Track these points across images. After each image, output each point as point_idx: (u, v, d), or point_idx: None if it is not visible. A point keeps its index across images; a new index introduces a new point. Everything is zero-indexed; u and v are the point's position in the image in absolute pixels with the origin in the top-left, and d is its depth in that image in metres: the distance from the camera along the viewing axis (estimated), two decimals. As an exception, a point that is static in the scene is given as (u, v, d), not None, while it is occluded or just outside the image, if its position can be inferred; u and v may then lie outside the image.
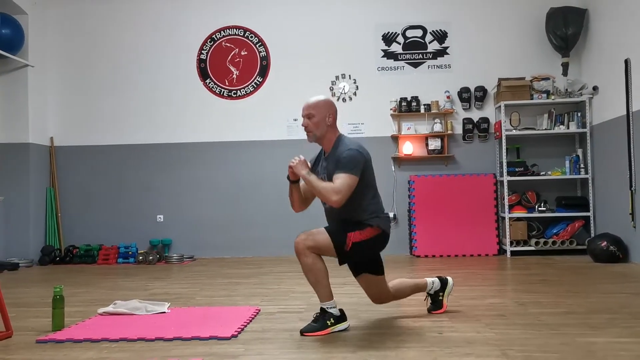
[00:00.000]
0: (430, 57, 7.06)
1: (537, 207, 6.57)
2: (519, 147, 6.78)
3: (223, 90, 7.21)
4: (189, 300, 4.17)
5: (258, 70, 7.19)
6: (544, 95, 6.60)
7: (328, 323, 3.05)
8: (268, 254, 6.92)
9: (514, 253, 6.48)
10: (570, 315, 3.35)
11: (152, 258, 6.58)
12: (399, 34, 7.09)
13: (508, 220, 6.49)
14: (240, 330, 3.15)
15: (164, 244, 6.99)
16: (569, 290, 4.21)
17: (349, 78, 7.10)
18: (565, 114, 6.63)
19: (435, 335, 2.96)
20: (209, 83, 7.21)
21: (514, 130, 6.62)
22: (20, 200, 6.75)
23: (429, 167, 6.96)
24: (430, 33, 7.06)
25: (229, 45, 7.24)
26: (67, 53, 7.32)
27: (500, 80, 6.64)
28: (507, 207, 6.52)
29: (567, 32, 6.57)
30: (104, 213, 7.18)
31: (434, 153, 6.89)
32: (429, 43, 7.06)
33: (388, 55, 7.09)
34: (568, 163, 6.60)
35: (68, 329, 3.25)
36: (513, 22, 6.97)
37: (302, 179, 3.12)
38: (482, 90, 6.93)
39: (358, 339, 2.95)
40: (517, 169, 6.56)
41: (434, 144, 6.88)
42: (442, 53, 7.06)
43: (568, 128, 6.60)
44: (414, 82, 7.03)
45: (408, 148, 6.90)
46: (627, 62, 5.75)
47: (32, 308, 3.98)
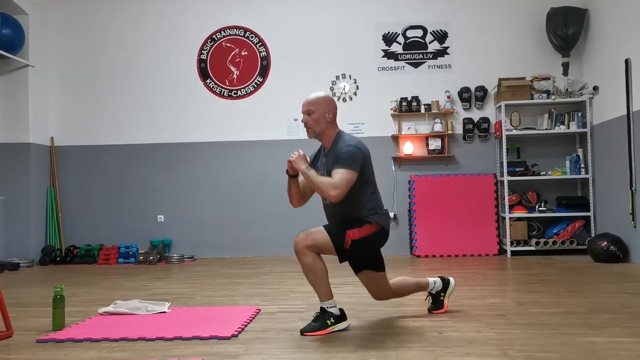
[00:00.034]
0: (431, 57, 7.07)
1: (537, 207, 6.57)
2: (520, 147, 6.78)
3: (223, 90, 7.21)
4: (190, 300, 4.17)
5: (258, 70, 7.20)
6: (545, 95, 6.61)
7: (328, 322, 3.05)
8: (268, 254, 6.93)
9: (515, 253, 6.48)
10: (571, 315, 3.35)
11: (152, 258, 6.59)
12: (400, 34, 7.09)
13: (508, 220, 6.49)
14: (241, 330, 3.15)
15: (165, 244, 6.99)
16: (570, 290, 4.21)
17: (350, 78, 7.10)
18: (566, 114, 6.64)
19: (436, 335, 2.96)
20: (210, 83, 7.22)
21: (515, 130, 6.62)
22: (21, 200, 6.76)
23: (430, 167, 6.97)
24: (431, 33, 7.06)
25: (230, 46, 7.24)
26: (67, 53, 7.33)
27: (501, 80, 6.64)
28: (507, 207, 6.52)
29: (567, 32, 6.57)
30: (105, 213, 7.18)
31: (435, 153, 6.89)
32: (430, 43, 7.06)
33: (388, 55, 7.10)
34: (568, 163, 6.61)
35: (68, 329, 3.25)
36: (513, 22, 6.98)
37: (301, 174, 3.12)
38: (482, 90, 6.93)
39: (358, 339, 2.95)
40: (517, 169, 6.56)
41: (435, 144, 6.88)
42: (442, 53, 7.06)
43: (568, 128, 6.60)
44: (415, 82, 7.03)
45: (408, 148, 6.90)
46: (627, 62, 5.75)
47: (32, 308, 3.98)
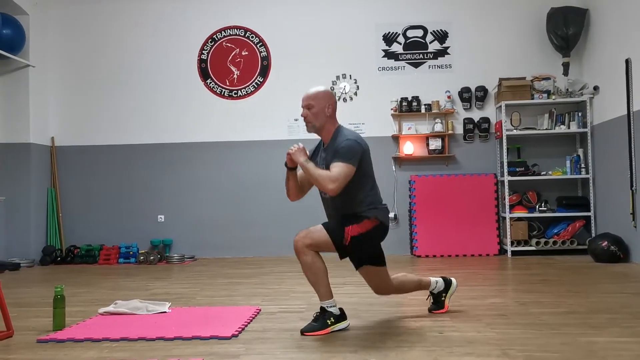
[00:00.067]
0: (431, 57, 7.07)
1: (537, 207, 6.57)
2: (520, 147, 6.78)
3: (224, 90, 7.21)
4: (190, 300, 4.17)
5: (259, 71, 7.20)
6: (545, 95, 6.60)
7: (328, 322, 3.05)
8: (269, 254, 6.93)
9: (515, 253, 6.48)
10: (571, 315, 3.35)
11: (153, 258, 6.59)
12: (400, 34, 7.09)
13: (509, 220, 6.49)
14: (241, 330, 3.15)
15: (165, 244, 6.99)
16: (570, 290, 4.21)
17: (350, 78, 7.10)
18: (566, 114, 6.63)
19: (436, 335, 2.96)
20: (210, 83, 7.22)
21: (515, 130, 6.62)
22: (22, 201, 6.76)
23: (430, 167, 6.97)
24: (431, 33, 7.06)
25: (230, 46, 7.24)
26: (68, 53, 7.33)
27: (501, 80, 6.64)
28: (507, 207, 6.52)
29: (567, 32, 6.57)
30: (105, 213, 7.19)
31: (435, 153, 6.89)
32: (430, 43, 7.06)
33: (389, 55, 7.10)
34: (569, 163, 6.60)
35: (69, 329, 3.25)
36: (514, 22, 6.97)
37: (299, 167, 3.12)
38: (482, 90, 6.93)
39: (359, 339, 2.95)
40: (517, 169, 6.56)
41: (435, 144, 6.88)
42: (442, 53, 7.06)
43: (569, 128, 6.60)
44: (415, 82, 7.03)
45: (409, 148, 6.90)
46: (627, 61, 5.74)
47: (33, 308, 3.99)
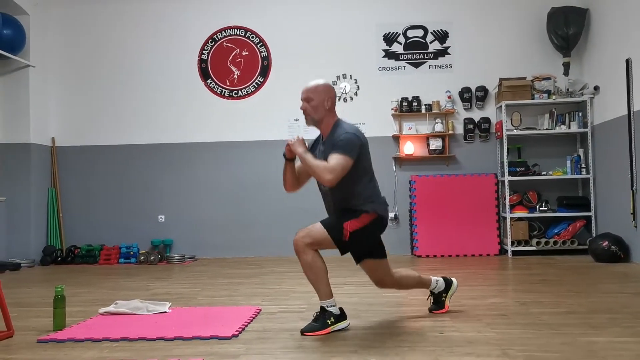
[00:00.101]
0: (431, 57, 7.06)
1: (538, 207, 6.56)
2: (520, 147, 6.77)
3: (224, 91, 7.21)
4: (190, 300, 4.17)
5: (259, 71, 7.20)
6: (545, 95, 6.60)
7: (328, 322, 3.06)
8: (269, 254, 6.93)
9: (515, 253, 6.48)
10: (572, 315, 3.35)
11: (153, 258, 6.59)
12: (400, 34, 7.09)
13: (509, 220, 6.49)
14: (241, 330, 3.15)
15: (165, 244, 6.99)
16: (570, 290, 4.20)
17: (350, 78, 7.10)
18: (567, 114, 6.63)
19: (436, 335, 2.96)
20: (210, 83, 7.22)
21: (515, 130, 6.61)
22: (22, 201, 6.76)
23: (430, 167, 6.96)
24: (431, 33, 7.06)
25: (230, 46, 7.24)
26: (68, 53, 7.34)
27: (502, 80, 6.64)
28: (508, 207, 6.52)
29: (568, 31, 6.57)
30: (106, 213, 7.19)
31: (435, 153, 6.89)
32: (430, 43, 7.06)
33: (389, 55, 7.10)
34: (569, 163, 6.60)
35: (69, 329, 3.26)
36: (514, 22, 6.97)
37: (298, 158, 3.13)
38: (483, 90, 6.92)
39: (359, 339, 2.95)
40: (518, 169, 6.55)
41: (435, 144, 6.88)
42: (443, 53, 7.06)
43: (569, 128, 6.59)
44: (415, 82, 7.03)
45: (409, 148, 6.90)
46: (628, 61, 5.74)
47: (33, 308, 3.99)
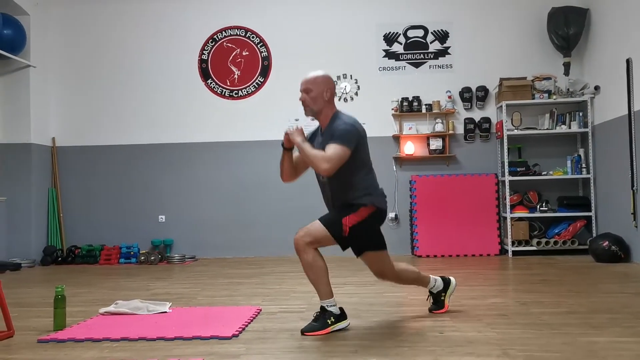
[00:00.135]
0: (432, 57, 7.06)
1: (538, 207, 6.56)
2: (521, 147, 6.77)
3: (224, 91, 7.21)
4: (191, 300, 4.17)
5: (259, 71, 7.20)
6: (546, 95, 6.60)
7: (328, 322, 3.06)
8: (269, 254, 6.93)
9: (516, 253, 6.47)
10: (572, 315, 3.35)
11: (153, 258, 6.59)
12: (400, 34, 7.09)
13: (510, 220, 6.48)
14: (242, 330, 3.15)
15: (166, 244, 6.99)
16: (571, 290, 4.20)
17: (351, 78, 7.10)
18: (567, 114, 6.63)
19: (437, 335, 2.96)
20: (211, 83, 7.22)
21: (516, 130, 6.61)
22: (22, 201, 6.77)
23: (431, 167, 6.96)
24: (432, 33, 7.06)
25: (231, 46, 7.24)
26: (68, 53, 7.34)
27: (502, 80, 6.64)
28: (508, 207, 6.52)
29: (568, 31, 6.57)
30: (106, 213, 7.19)
31: (436, 153, 6.88)
32: (431, 43, 7.06)
33: (389, 55, 7.09)
34: (570, 163, 6.60)
35: (69, 329, 3.26)
36: (514, 22, 6.97)
37: (296, 147, 3.13)
38: (483, 90, 6.92)
39: (359, 339, 2.95)
40: (518, 169, 6.55)
41: (436, 144, 6.88)
42: (443, 53, 7.05)
43: (570, 128, 6.59)
44: (416, 82, 7.03)
45: (409, 148, 6.90)
46: (628, 61, 5.74)
47: (33, 308, 3.99)
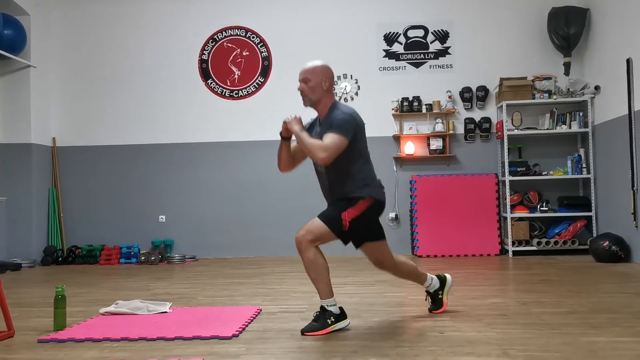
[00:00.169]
0: (432, 57, 7.06)
1: (539, 207, 6.56)
2: (521, 146, 6.77)
3: (225, 91, 7.21)
4: (191, 300, 4.17)
5: (260, 71, 7.20)
6: (546, 95, 6.59)
7: (328, 322, 3.06)
8: (270, 254, 6.93)
9: (516, 253, 6.47)
10: (572, 315, 3.35)
11: (154, 258, 6.59)
12: (401, 34, 7.09)
13: (510, 220, 6.48)
14: (242, 330, 3.15)
15: (166, 245, 7.00)
16: (571, 290, 4.20)
17: (351, 78, 7.10)
18: (567, 114, 6.62)
19: (437, 335, 2.96)
20: (211, 83, 7.22)
21: (516, 130, 6.61)
22: (23, 201, 6.77)
23: (431, 167, 6.96)
24: (432, 33, 7.06)
25: (231, 46, 7.24)
26: (69, 54, 7.34)
27: (502, 80, 6.64)
28: (509, 207, 6.52)
29: (568, 31, 6.57)
30: (106, 213, 7.19)
31: (436, 153, 6.88)
32: (431, 43, 7.06)
33: (390, 55, 7.09)
34: (570, 163, 6.60)
35: (70, 329, 3.26)
36: (515, 21, 6.97)
37: (294, 136, 3.13)
38: (483, 90, 6.92)
39: (359, 339, 2.95)
40: (519, 169, 6.55)
41: (436, 144, 6.88)
42: (443, 53, 7.05)
43: (570, 128, 6.59)
44: (416, 82, 7.03)
45: (410, 148, 6.90)
46: (629, 61, 5.74)
47: (34, 308, 3.99)
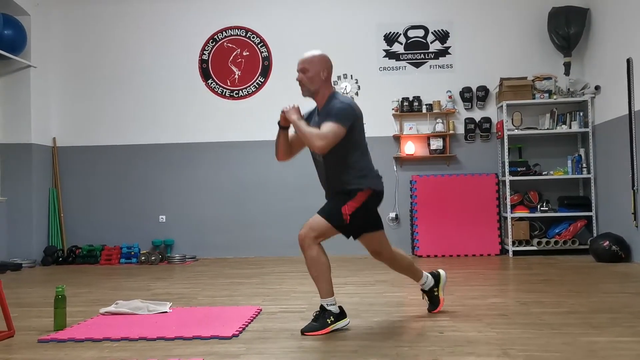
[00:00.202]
0: (432, 57, 7.06)
1: (539, 206, 6.55)
2: (521, 146, 6.77)
3: (225, 91, 7.21)
4: (191, 300, 4.17)
5: (260, 71, 7.20)
6: (546, 95, 6.59)
7: (328, 321, 3.06)
8: (270, 254, 6.93)
9: (516, 253, 6.47)
10: (572, 315, 3.35)
11: (154, 258, 6.59)
12: (401, 34, 7.09)
13: (510, 220, 6.48)
14: (242, 330, 3.15)
15: (166, 245, 7.00)
16: (571, 290, 4.20)
17: (351, 78, 7.09)
18: (567, 114, 6.62)
19: (437, 335, 2.96)
20: (211, 83, 7.22)
21: (516, 130, 6.61)
22: (23, 201, 6.77)
23: (431, 167, 6.96)
24: (432, 33, 7.06)
25: (231, 46, 7.24)
26: (69, 54, 7.34)
27: (502, 80, 6.63)
28: (509, 206, 6.51)
29: (569, 31, 6.57)
30: (107, 213, 7.19)
31: (436, 153, 6.88)
32: (431, 43, 7.06)
33: (390, 55, 7.09)
34: (570, 163, 6.59)
35: (70, 329, 3.26)
36: (515, 21, 6.97)
37: (292, 125, 3.14)
38: (484, 90, 6.92)
39: (359, 339, 2.95)
40: (519, 169, 6.55)
41: (436, 144, 6.88)
42: (444, 53, 7.05)
43: (570, 128, 6.59)
44: (416, 82, 7.03)
45: (410, 148, 6.90)
46: (629, 61, 5.74)
47: (34, 308, 3.99)
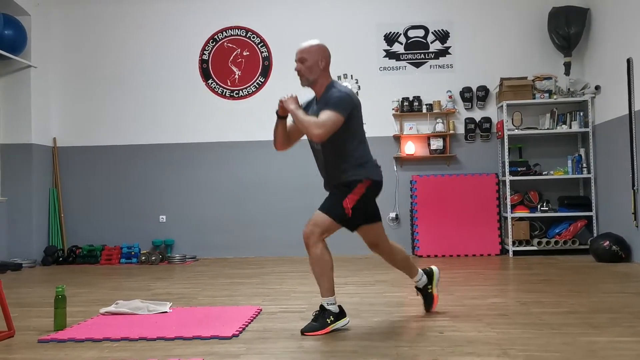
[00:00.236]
0: (432, 57, 7.06)
1: (539, 206, 6.55)
2: (521, 146, 6.77)
3: (225, 91, 7.21)
4: (191, 300, 4.17)
5: (260, 71, 7.20)
6: (546, 95, 6.59)
7: (328, 321, 3.06)
8: (270, 254, 6.93)
9: (516, 253, 6.47)
10: (572, 315, 3.35)
11: (154, 258, 6.60)
12: (401, 34, 7.09)
13: (510, 220, 6.48)
14: (242, 330, 3.15)
15: (167, 245, 7.00)
16: (571, 290, 4.20)
17: (351, 78, 7.09)
18: (568, 114, 6.62)
19: (437, 335, 2.96)
20: (211, 83, 7.22)
21: (516, 130, 6.61)
22: (23, 201, 6.77)
23: (431, 167, 6.96)
24: (432, 33, 7.06)
25: (231, 46, 7.24)
26: (69, 54, 7.35)
27: (502, 80, 6.63)
28: (509, 206, 6.51)
29: (569, 31, 6.57)
30: (107, 213, 7.20)
31: (436, 153, 6.88)
32: (431, 43, 7.06)
33: (390, 55, 7.09)
34: (570, 163, 6.59)
35: (70, 329, 3.26)
36: (515, 21, 6.97)
37: (290, 115, 3.15)
38: (484, 90, 6.92)
39: (359, 338, 2.95)
40: (519, 169, 6.55)
41: (436, 144, 6.88)
42: (444, 53, 7.05)
43: (570, 127, 6.59)
44: (416, 82, 7.03)
45: (410, 148, 6.90)
46: (629, 61, 5.74)
47: (34, 308, 3.99)
